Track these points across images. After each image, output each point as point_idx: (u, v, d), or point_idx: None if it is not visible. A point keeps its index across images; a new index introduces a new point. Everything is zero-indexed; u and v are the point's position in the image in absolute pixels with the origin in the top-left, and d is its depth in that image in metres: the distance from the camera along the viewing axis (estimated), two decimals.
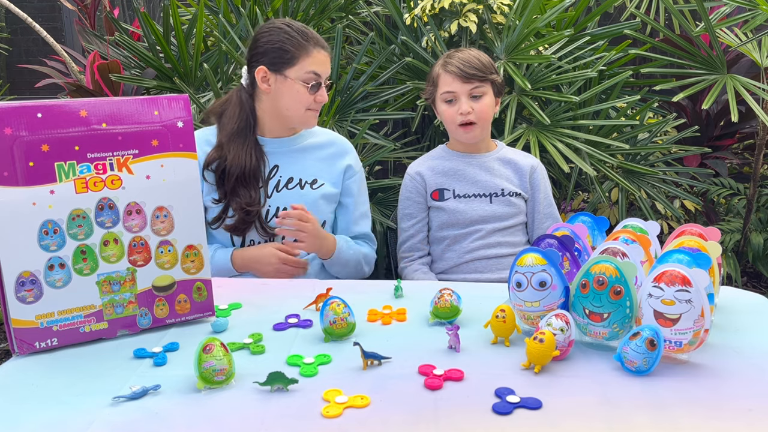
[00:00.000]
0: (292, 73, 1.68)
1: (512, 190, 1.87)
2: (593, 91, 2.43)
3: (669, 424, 0.93)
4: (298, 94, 1.69)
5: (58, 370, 1.11)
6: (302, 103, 1.70)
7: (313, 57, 1.68)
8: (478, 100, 1.81)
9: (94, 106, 1.16)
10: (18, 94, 4.83)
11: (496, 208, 1.86)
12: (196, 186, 1.27)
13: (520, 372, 1.08)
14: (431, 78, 1.89)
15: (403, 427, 0.93)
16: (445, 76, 1.82)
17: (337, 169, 1.82)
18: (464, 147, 1.91)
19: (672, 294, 1.05)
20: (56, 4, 4.97)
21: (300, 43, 1.68)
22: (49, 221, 1.14)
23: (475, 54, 1.83)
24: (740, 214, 3.03)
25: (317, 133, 1.85)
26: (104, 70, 2.63)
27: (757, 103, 2.40)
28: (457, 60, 1.81)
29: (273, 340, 1.21)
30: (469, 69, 1.78)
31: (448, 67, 1.81)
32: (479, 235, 1.85)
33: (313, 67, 1.68)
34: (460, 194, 1.87)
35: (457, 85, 1.80)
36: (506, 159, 1.91)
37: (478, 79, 1.79)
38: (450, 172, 1.89)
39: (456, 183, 1.88)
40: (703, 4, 2.44)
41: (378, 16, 2.72)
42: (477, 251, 1.85)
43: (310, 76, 1.68)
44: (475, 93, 1.80)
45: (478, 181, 1.87)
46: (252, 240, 1.74)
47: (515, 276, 1.20)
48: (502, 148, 1.94)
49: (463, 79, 1.79)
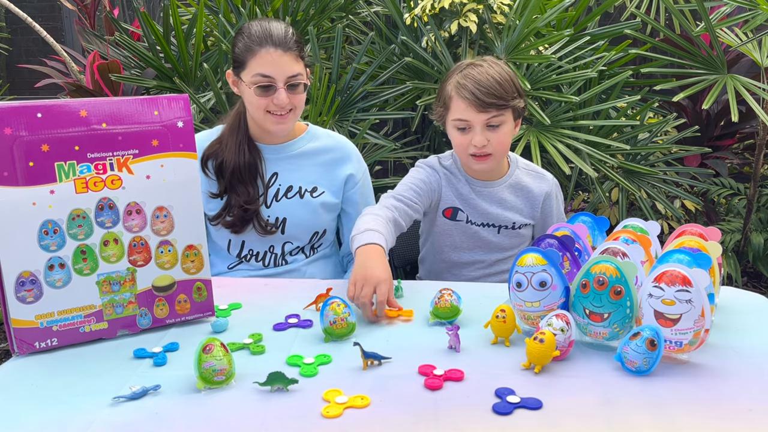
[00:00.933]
0: (245, 77, 1.61)
1: (522, 222, 1.72)
2: (593, 91, 2.43)
3: (669, 424, 0.93)
4: (251, 97, 1.61)
5: (58, 370, 1.11)
6: (257, 107, 1.61)
7: (259, 58, 1.57)
8: (495, 130, 1.56)
9: (94, 106, 1.16)
10: (18, 94, 4.83)
11: (503, 240, 1.72)
12: (196, 186, 1.27)
13: (520, 372, 1.08)
14: (442, 98, 1.63)
15: (403, 427, 0.93)
16: (458, 102, 1.57)
17: (338, 179, 1.76)
18: (476, 174, 1.69)
19: (672, 294, 1.05)
20: (56, 4, 4.97)
21: (247, 45, 1.59)
22: (49, 221, 1.14)
23: (495, 74, 1.56)
24: (740, 214, 3.03)
25: (318, 136, 1.78)
26: (104, 70, 2.63)
27: (757, 103, 2.40)
28: (472, 84, 1.54)
29: (273, 340, 1.21)
30: (486, 97, 1.52)
31: (462, 92, 1.55)
32: (483, 265, 1.74)
33: (259, 68, 1.57)
34: (472, 220, 1.71)
35: (471, 114, 1.55)
36: (519, 186, 1.72)
37: (495, 108, 1.54)
38: (462, 197, 1.70)
39: (468, 209, 1.71)
40: (704, 4, 2.44)
41: (378, 16, 2.72)
42: (479, 279, 1.75)
43: (257, 78, 1.58)
44: (493, 123, 1.56)
45: (487, 213, 1.70)
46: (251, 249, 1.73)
47: (515, 276, 1.20)
48: (515, 171, 1.73)
49: (479, 108, 1.53)
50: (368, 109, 2.56)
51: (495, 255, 1.73)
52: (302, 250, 1.76)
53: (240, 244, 1.73)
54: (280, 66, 1.58)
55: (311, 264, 1.77)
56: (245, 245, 1.72)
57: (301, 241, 1.74)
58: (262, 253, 1.73)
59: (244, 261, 1.74)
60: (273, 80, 1.58)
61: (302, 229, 1.72)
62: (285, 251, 1.73)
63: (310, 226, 1.73)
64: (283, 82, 1.59)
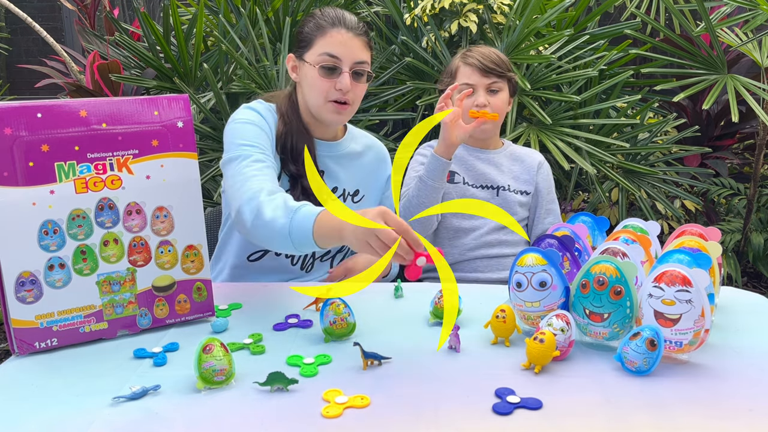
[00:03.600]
0: (309, 57, 1.52)
1: (518, 188, 1.90)
2: (593, 90, 2.43)
3: (669, 424, 0.93)
4: (313, 79, 1.52)
5: (58, 370, 1.11)
6: (318, 90, 1.52)
7: (329, 37, 1.50)
8: (495, 95, 1.83)
9: (94, 106, 1.16)
10: (18, 94, 4.84)
11: (501, 203, 1.86)
12: (196, 186, 1.27)
13: (520, 372, 1.08)
14: (449, 71, 1.90)
15: (403, 427, 0.93)
16: (464, 68, 1.84)
17: (381, 180, 1.73)
18: (474, 141, 1.92)
19: (672, 294, 1.05)
20: (56, 4, 4.98)
21: (318, 25, 1.52)
22: (49, 221, 1.14)
23: (495, 51, 1.86)
24: (740, 214, 3.03)
25: (357, 137, 1.71)
26: (104, 70, 2.63)
27: (757, 103, 2.40)
28: (477, 54, 1.83)
29: (273, 340, 1.21)
30: (489, 63, 1.81)
31: (468, 59, 1.83)
32: (480, 232, 1.86)
33: (327, 47, 1.50)
34: (469, 183, 1.89)
35: (476, 78, 1.81)
36: (514, 155, 1.95)
37: (496, 75, 1.81)
38: (461, 161, 1.90)
39: (466, 172, 1.90)
40: (704, 4, 2.44)
41: (378, 16, 2.72)
42: (478, 250, 1.86)
43: (323, 58, 1.50)
44: (493, 87, 1.82)
45: (485, 174, 1.89)
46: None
47: (515, 276, 1.20)
48: (509, 146, 1.97)
49: (483, 73, 1.81)
50: (368, 109, 2.56)
51: (492, 221, 1.84)
52: (332, 259, 1.71)
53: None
54: (351, 48, 1.51)
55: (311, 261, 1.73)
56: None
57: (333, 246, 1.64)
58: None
59: (271, 251, 1.62)
60: (340, 62, 1.51)
61: None
62: (316, 254, 1.67)
63: None
64: (349, 66, 1.52)
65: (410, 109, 2.58)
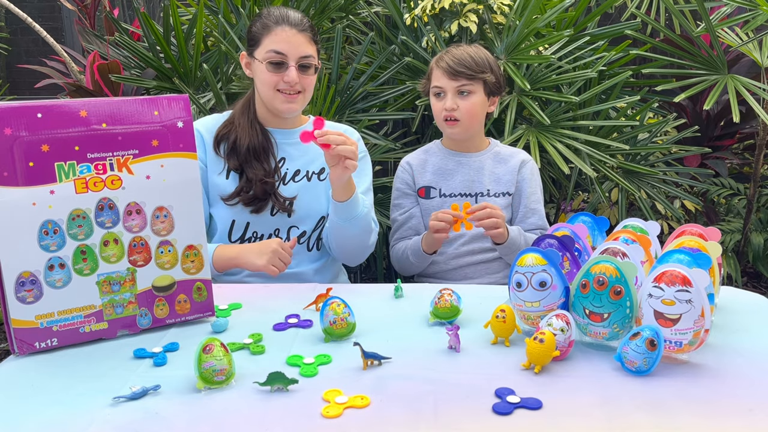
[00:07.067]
0: (258, 54, 1.66)
1: (499, 190, 1.88)
2: (593, 91, 2.43)
3: (669, 424, 0.93)
4: (263, 74, 1.66)
5: (58, 370, 1.11)
6: (268, 84, 1.65)
7: (273, 35, 1.64)
8: (464, 98, 1.81)
9: (94, 106, 1.16)
10: (18, 94, 4.84)
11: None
12: (196, 186, 1.27)
13: (520, 372, 1.08)
14: (427, 73, 1.91)
15: (403, 427, 0.93)
16: (435, 71, 1.85)
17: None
18: (455, 145, 1.91)
19: (672, 294, 1.05)
20: (56, 4, 4.98)
21: (264, 24, 1.66)
22: (49, 221, 1.14)
23: (472, 51, 1.83)
24: (740, 215, 3.03)
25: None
26: (104, 70, 2.63)
27: (757, 103, 2.40)
28: (449, 56, 1.82)
29: (273, 340, 1.21)
30: (457, 66, 1.79)
31: (440, 63, 1.83)
32: (463, 240, 1.85)
33: (272, 45, 1.63)
34: (446, 193, 1.88)
35: (444, 81, 1.81)
36: (499, 156, 1.92)
37: (465, 77, 1.79)
38: (440, 170, 1.90)
39: (443, 182, 1.89)
40: (704, 4, 2.44)
41: (378, 16, 2.72)
42: (463, 257, 1.86)
43: (270, 54, 1.63)
44: (463, 90, 1.80)
45: (465, 181, 1.88)
46: (255, 232, 1.71)
47: (515, 276, 1.20)
48: (494, 146, 1.94)
49: (450, 76, 1.79)
50: (368, 109, 2.56)
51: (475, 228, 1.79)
52: (308, 240, 1.75)
53: (244, 225, 1.70)
54: (294, 44, 1.64)
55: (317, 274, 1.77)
56: (249, 227, 1.70)
57: (308, 226, 1.74)
58: (267, 235, 1.72)
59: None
60: (285, 57, 1.64)
61: (309, 212, 1.73)
62: (290, 236, 1.73)
63: (317, 209, 1.74)
64: (295, 60, 1.64)
65: (410, 109, 2.58)
